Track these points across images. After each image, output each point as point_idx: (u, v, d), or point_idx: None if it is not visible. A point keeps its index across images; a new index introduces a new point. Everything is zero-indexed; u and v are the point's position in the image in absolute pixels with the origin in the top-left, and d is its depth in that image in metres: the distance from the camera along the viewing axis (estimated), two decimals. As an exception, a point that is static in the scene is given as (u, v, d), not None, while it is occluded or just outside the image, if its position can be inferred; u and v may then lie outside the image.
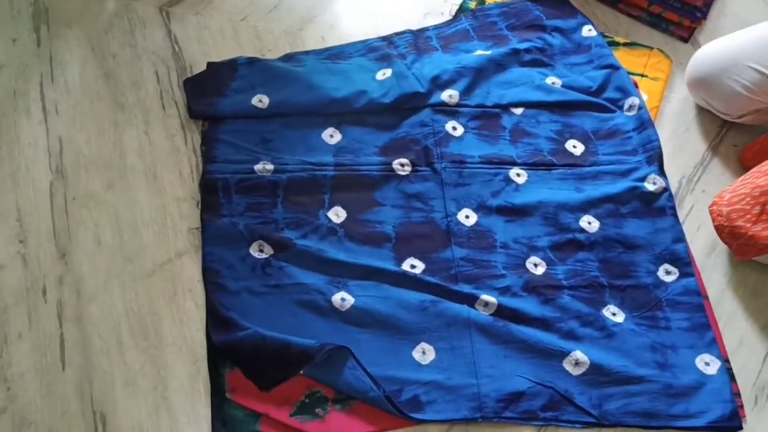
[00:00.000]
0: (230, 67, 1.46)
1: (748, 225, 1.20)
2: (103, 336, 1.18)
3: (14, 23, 1.50)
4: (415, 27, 1.60)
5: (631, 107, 1.47)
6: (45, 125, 1.38)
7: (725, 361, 1.22)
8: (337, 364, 1.15)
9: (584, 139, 1.44)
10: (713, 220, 1.27)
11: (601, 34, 1.59)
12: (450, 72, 1.49)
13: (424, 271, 1.27)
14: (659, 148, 1.41)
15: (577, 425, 1.15)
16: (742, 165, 1.43)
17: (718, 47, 1.41)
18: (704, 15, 1.60)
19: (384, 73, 1.48)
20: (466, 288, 1.25)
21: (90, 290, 1.22)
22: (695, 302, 1.26)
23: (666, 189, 1.37)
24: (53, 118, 1.39)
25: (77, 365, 1.16)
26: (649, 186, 1.37)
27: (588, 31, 1.59)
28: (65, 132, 1.38)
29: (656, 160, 1.40)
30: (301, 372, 1.14)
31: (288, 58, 1.51)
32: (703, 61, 1.44)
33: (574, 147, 1.43)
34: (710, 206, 1.28)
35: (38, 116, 1.39)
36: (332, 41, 1.56)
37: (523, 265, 1.29)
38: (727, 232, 1.24)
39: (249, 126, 1.40)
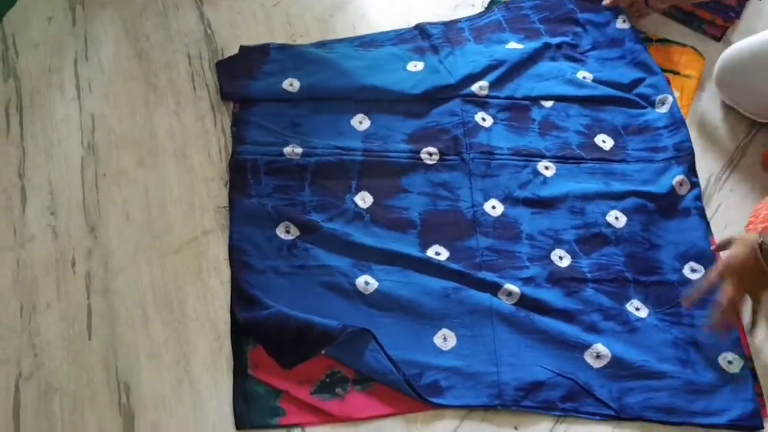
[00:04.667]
0: (262, 50, 1.48)
1: None
2: (129, 309, 1.20)
3: (50, 2, 1.53)
4: (446, 18, 1.61)
5: (662, 104, 1.46)
6: (78, 102, 1.41)
7: (748, 360, 1.21)
8: (358, 346, 1.15)
9: (614, 134, 1.44)
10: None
11: (634, 28, 1.59)
12: (482, 65, 1.49)
13: (448, 259, 1.27)
14: (691, 149, 1.40)
15: (596, 417, 1.15)
16: (765, 168, 1.42)
17: (747, 47, 1.40)
18: (738, 15, 1.58)
19: (415, 65, 1.49)
20: (489, 276, 1.25)
21: (118, 264, 1.24)
22: None
23: (695, 188, 1.37)
24: (86, 95, 1.42)
25: (103, 336, 1.17)
26: (677, 186, 1.36)
27: (622, 22, 1.58)
28: (98, 109, 1.40)
29: (686, 161, 1.40)
30: (323, 352, 1.15)
31: (320, 45, 1.52)
32: (731, 60, 1.43)
33: (604, 142, 1.43)
34: (746, 225, 1.27)
35: (72, 93, 1.42)
36: (363, 29, 1.57)
37: (548, 257, 1.29)
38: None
39: (279, 109, 1.41)
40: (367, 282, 1.23)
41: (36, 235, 1.25)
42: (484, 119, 1.43)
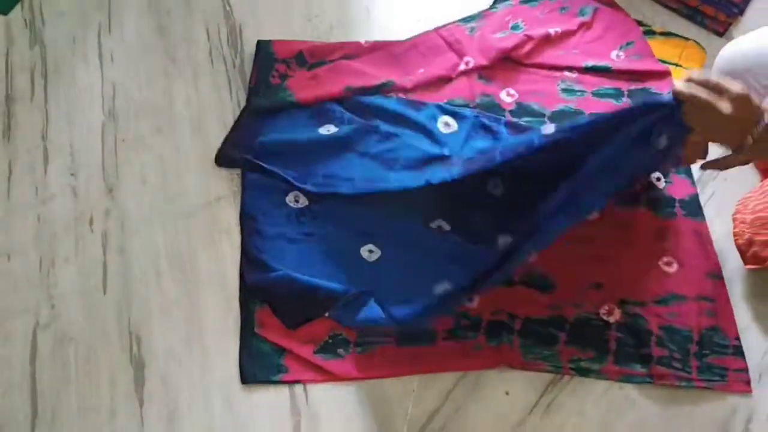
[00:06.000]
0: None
1: (766, 239, 1.24)
2: (143, 267, 1.26)
3: (77, -26, 1.58)
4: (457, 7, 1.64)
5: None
6: (101, 71, 1.46)
7: (736, 338, 1.26)
8: (357, 305, 1.21)
9: None
10: (735, 226, 1.30)
11: (640, 23, 1.63)
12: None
13: (450, 231, 1.32)
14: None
15: None
16: (757, 167, 1.46)
17: (746, 45, 1.44)
18: (741, 11, 1.62)
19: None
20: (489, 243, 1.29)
21: (133, 225, 1.30)
22: None
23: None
24: (108, 65, 1.47)
25: (118, 291, 1.23)
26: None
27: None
28: (119, 79, 1.46)
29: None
30: (326, 315, 1.21)
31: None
32: (730, 57, 1.46)
33: None
34: (734, 214, 1.31)
35: (95, 62, 1.47)
36: (377, 11, 1.61)
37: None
38: (747, 239, 1.27)
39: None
40: (371, 250, 1.29)
41: (56, 194, 1.31)
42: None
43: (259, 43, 1.53)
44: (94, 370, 1.16)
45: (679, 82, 1.06)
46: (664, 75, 1.54)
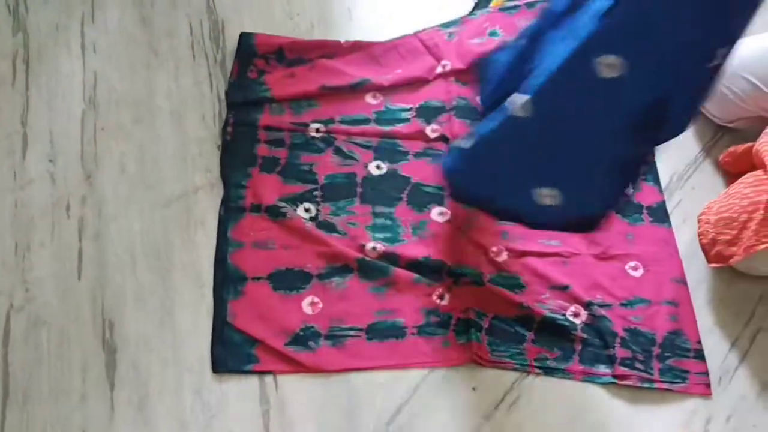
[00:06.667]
0: None
1: (729, 238, 1.28)
2: (118, 254, 1.27)
3: (61, -37, 1.59)
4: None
5: None
6: (82, 60, 1.47)
7: (697, 342, 1.30)
8: None
9: None
10: (699, 227, 1.35)
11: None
12: None
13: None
14: None
15: None
16: (722, 167, 1.50)
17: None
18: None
19: None
20: None
21: (110, 212, 1.31)
22: None
23: None
24: (90, 54, 1.48)
25: (92, 277, 1.24)
26: None
27: None
28: (101, 68, 1.47)
29: None
30: None
31: None
32: None
33: None
34: (699, 215, 1.36)
35: (77, 51, 1.48)
36: (358, 11, 1.64)
37: None
38: (710, 238, 1.31)
39: None
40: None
41: (34, 179, 1.32)
42: None
43: (242, 35, 1.54)
44: (66, 354, 1.17)
45: None
46: None
